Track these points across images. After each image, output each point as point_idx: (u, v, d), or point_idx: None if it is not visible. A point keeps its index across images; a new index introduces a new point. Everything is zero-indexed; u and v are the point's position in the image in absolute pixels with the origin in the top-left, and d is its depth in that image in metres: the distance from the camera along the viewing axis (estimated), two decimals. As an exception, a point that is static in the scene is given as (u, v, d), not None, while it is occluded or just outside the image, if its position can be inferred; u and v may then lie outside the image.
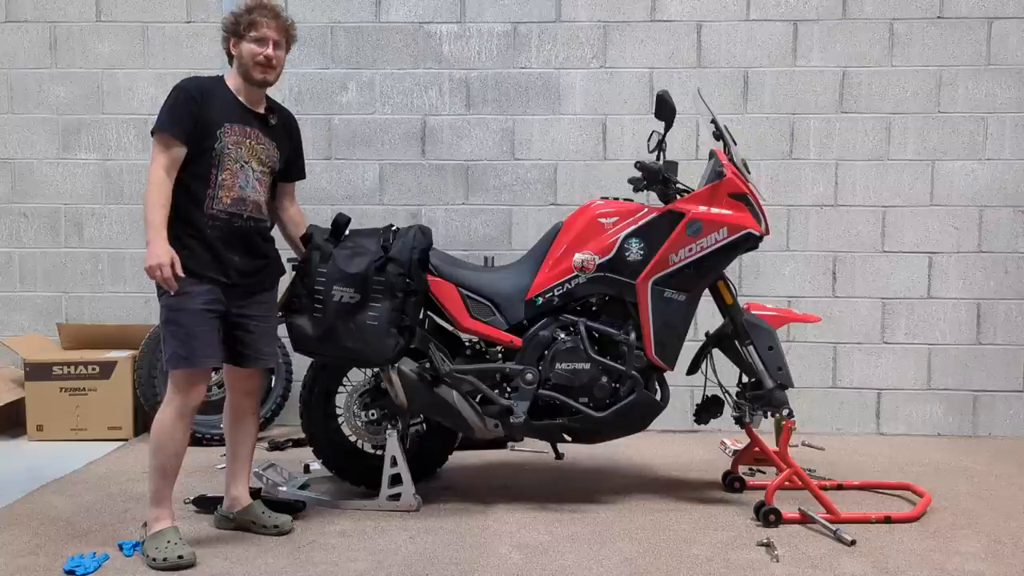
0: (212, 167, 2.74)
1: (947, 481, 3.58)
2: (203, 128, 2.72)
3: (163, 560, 2.62)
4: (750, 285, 4.42)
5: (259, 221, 2.88)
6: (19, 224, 4.59)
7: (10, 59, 4.54)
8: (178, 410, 2.73)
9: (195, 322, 2.70)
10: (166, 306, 2.72)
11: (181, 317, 2.69)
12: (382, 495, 3.17)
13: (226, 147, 2.75)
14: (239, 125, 2.80)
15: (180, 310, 2.70)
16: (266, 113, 2.92)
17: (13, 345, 4.30)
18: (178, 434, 2.74)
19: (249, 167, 2.81)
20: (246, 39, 2.81)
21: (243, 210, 2.80)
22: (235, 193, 2.78)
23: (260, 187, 2.86)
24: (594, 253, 3.18)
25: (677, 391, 3.57)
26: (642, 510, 3.19)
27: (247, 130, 2.82)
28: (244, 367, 2.91)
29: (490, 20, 4.45)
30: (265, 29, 2.81)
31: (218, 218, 2.75)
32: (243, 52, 2.81)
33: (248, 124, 2.84)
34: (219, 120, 2.76)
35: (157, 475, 2.73)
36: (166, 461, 2.73)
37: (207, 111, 2.74)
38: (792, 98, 4.41)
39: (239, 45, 2.82)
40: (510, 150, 4.49)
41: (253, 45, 2.80)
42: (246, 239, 2.83)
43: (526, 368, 3.16)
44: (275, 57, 2.83)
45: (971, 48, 4.36)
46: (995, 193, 4.38)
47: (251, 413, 2.99)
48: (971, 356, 4.42)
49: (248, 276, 2.84)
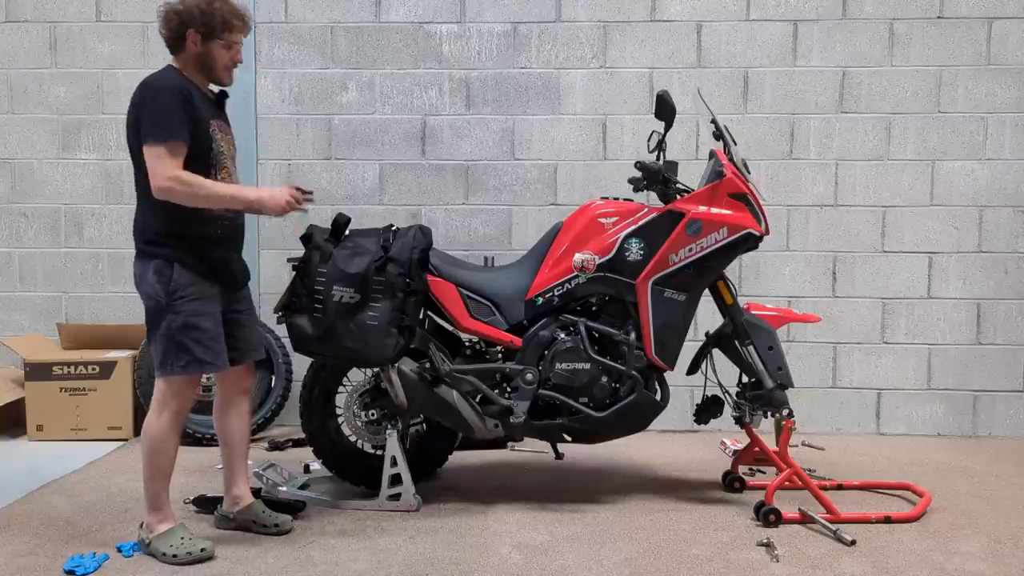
0: (211, 168, 2.70)
1: (947, 481, 3.58)
2: (199, 128, 2.65)
3: (186, 554, 2.64)
4: (750, 285, 4.42)
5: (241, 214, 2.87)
6: (19, 224, 4.59)
7: (10, 59, 4.54)
8: (176, 414, 2.71)
9: (216, 325, 2.71)
10: (185, 311, 2.65)
11: (203, 322, 2.67)
12: (382, 495, 3.17)
13: (219, 144, 2.71)
14: (215, 120, 2.75)
15: (203, 314, 2.67)
16: (218, 97, 2.84)
17: (13, 345, 4.30)
18: (175, 438, 2.74)
19: (232, 161, 2.79)
20: (221, 41, 2.70)
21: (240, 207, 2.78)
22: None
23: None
24: (594, 253, 3.18)
25: (677, 391, 3.57)
26: (642, 510, 3.19)
27: (221, 124, 2.78)
28: (243, 363, 2.90)
29: (490, 20, 4.45)
30: (239, 34, 2.74)
31: (226, 218, 2.75)
32: (213, 53, 2.70)
33: (220, 117, 2.79)
34: (206, 117, 2.69)
35: (155, 479, 2.72)
36: (165, 465, 2.73)
37: (196, 110, 2.64)
38: (792, 98, 4.41)
39: (209, 44, 2.69)
40: (510, 150, 4.49)
41: (225, 49, 2.72)
42: (239, 235, 2.86)
43: (526, 368, 3.16)
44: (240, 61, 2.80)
45: (971, 48, 4.36)
46: (995, 193, 4.38)
47: (245, 410, 2.97)
48: (971, 356, 4.42)
49: (240, 273, 2.88)
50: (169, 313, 2.66)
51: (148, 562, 2.67)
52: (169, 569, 2.62)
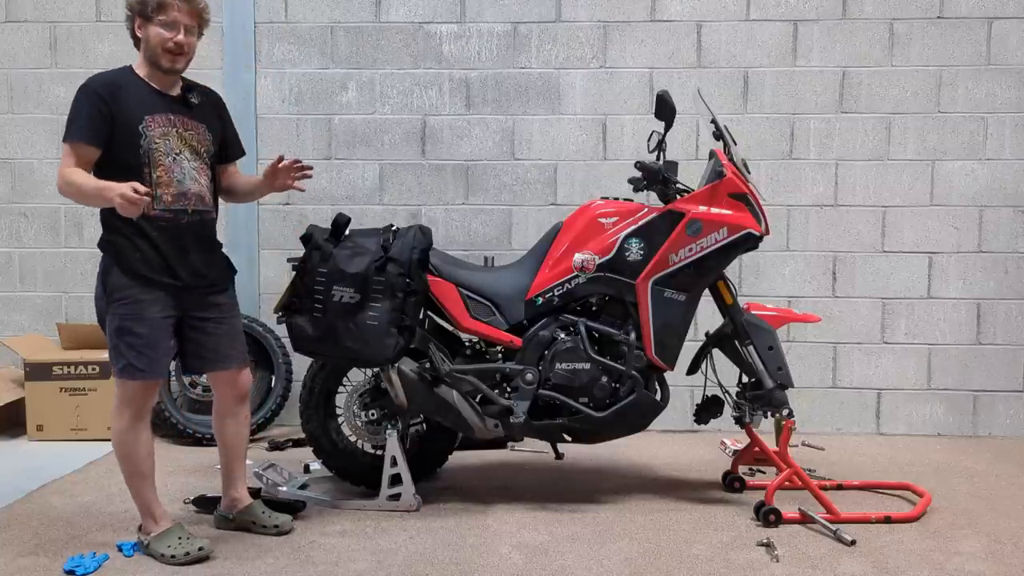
0: (144, 166, 2.59)
1: (947, 481, 3.58)
2: (122, 126, 2.57)
3: (184, 554, 2.63)
4: (750, 285, 4.42)
5: (205, 213, 2.74)
6: (19, 224, 4.59)
7: (10, 59, 4.54)
8: (135, 415, 2.66)
9: (153, 331, 2.61)
10: (120, 314, 2.60)
11: (138, 326, 2.59)
12: (382, 495, 3.17)
13: (152, 141, 2.60)
14: (161, 115, 2.63)
15: (137, 319, 2.59)
16: (184, 93, 2.73)
17: (13, 345, 4.30)
18: (142, 436, 2.69)
19: (183, 157, 2.65)
20: (154, 22, 2.61)
21: (187, 205, 2.66)
22: (174, 188, 2.63)
23: (200, 176, 2.71)
24: (594, 253, 3.17)
25: (677, 391, 3.57)
26: (642, 510, 3.19)
27: (171, 118, 2.65)
28: (207, 371, 2.84)
29: (490, 20, 4.45)
30: (175, 12, 2.61)
31: (162, 219, 2.62)
32: (150, 36, 2.62)
33: (170, 111, 2.66)
34: (138, 114, 2.59)
35: (136, 482, 2.70)
36: (139, 465, 2.69)
37: (121, 107, 2.57)
38: (792, 98, 4.41)
39: (145, 28, 2.62)
40: (510, 150, 4.49)
41: (162, 30, 2.61)
42: (196, 234, 2.70)
43: (526, 368, 3.16)
44: (186, 43, 2.64)
45: (971, 48, 4.36)
46: (995, 193, 4.38)
47: (242, 415, 2.93)
48: (971, 356, 4.42)
49: (200, 276, 2.72)
50: (108, 315, 2.63)
51: (148, 562, 2.67)
52: (169, 569, 2.62)
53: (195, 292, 2.72)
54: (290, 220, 4.47)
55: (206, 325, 2.76)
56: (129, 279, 2.60)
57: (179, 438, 4.08)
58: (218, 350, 2.80)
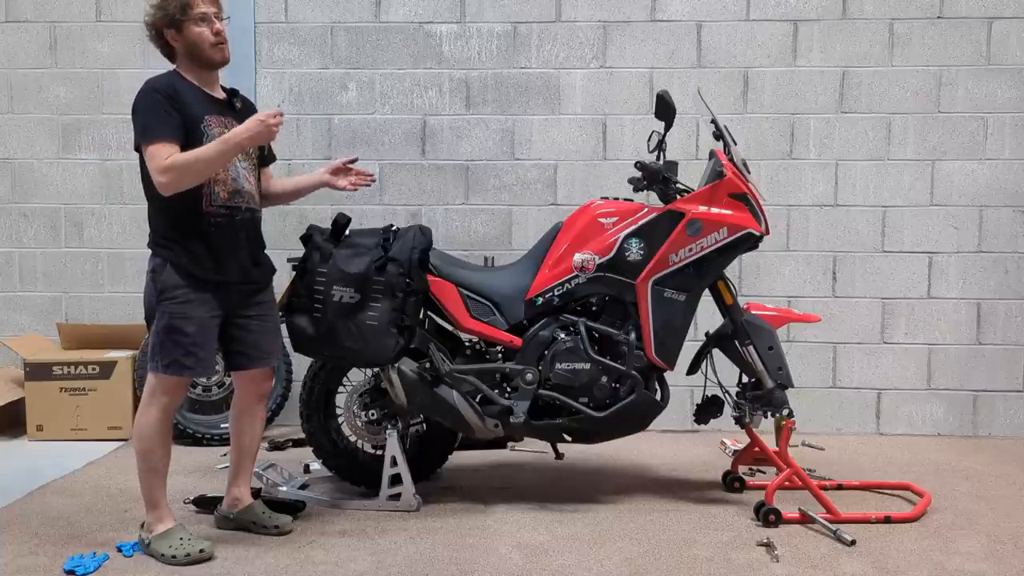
0: None
1: (947, 481, 3.58)
2: (188, 124, 2.62)
3: (185, 556, 2.63)
4: (750, 285, 4.42)
5: (255, 212, 2.84)
6: (19, 224, 4.59)
7: (10, 59, 4.54)
8: (165, 410, 2.70)
9: (201, 331, 2.67)
10: (169, 312, 2.65)
11: (187, 325, 2.65)
12: (382, 495, 3.17)
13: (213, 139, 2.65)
14: (215, 116, 2.70)
15: (186, 317, 2.65)
16: (229, 97, 2.81)
17: (13, 345, 4.31)
18: (167, 433, 2.74)
19: (236, 158, 2.73)
20: (187, 25, 2.64)
21: (241, 202, 2.75)
22: (231, 186, 2.71)
23: (250, 176, 2.80)
24: (594, 253, 3.17)
25: (677, 391, 3.57)
26: (642, 510, 3.19)
27: (223, 119, 2.71)
28: (250, 368, 2.88)
29: (490, 20, 4.45)
30: (202, 6, 2.64)
31: (219, 214, 2.69)
32: (194, 38, 2.65)
33: (223, 113, 2.73)
34: (199, 114, 2.65)
35: (150, 477, 2.72)
36: (159, 462, 2.72)
37: (184, 107, 2.62)
38: (792, 98, 4.41)
39: (183, 33, 2.65)
40: (510, 150, 4.49)
41: (200, 28, 2.64)
42: (247, 232, 2.79)
43: (526, 368, 3.16)
44: (223, 29, 2.69)
45: (971, 48, 4.36)
46: (995, 193, 4.38)
47: (260, 415, 2.97)
48: (971, 356, 4.42)
49: (248, 274, 2.79)
50: (157, 313, 2.67)
51: (148, 562, 2.67)
52: (169, 569, 2.62)
53: (242, 290, 2.79)
54: (290, 220, 4.47)
55: (250, 323, 2.83)
56: (184, 279, 2.65)
57: (179, 438, 4.06)
58: (260, 346, 2.87)
